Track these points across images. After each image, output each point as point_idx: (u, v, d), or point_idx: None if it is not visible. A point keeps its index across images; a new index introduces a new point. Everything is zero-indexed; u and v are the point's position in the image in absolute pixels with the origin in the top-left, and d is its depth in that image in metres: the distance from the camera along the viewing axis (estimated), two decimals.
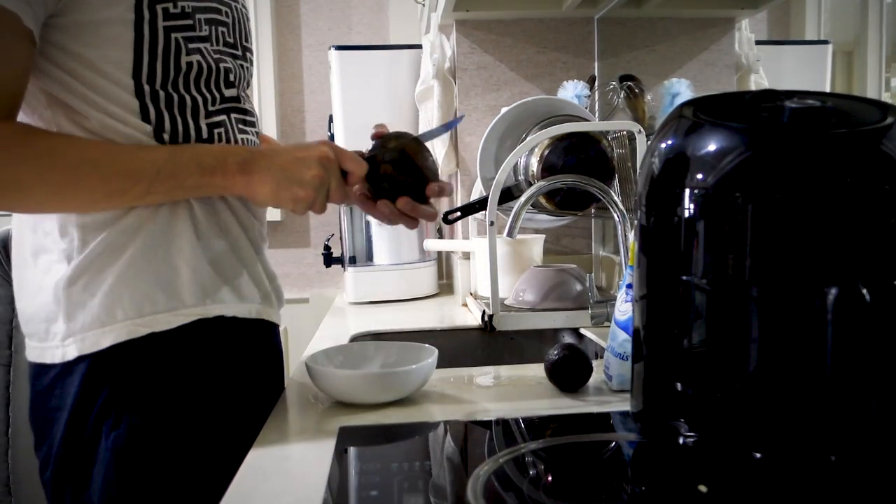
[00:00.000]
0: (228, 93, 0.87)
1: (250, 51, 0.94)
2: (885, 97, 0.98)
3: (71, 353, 0.80)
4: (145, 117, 0.80)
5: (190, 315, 0.83)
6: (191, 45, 0.82)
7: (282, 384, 1.02)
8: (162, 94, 0.81)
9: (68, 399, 0.81)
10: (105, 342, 0.80)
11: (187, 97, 0.83)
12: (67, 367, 0.81)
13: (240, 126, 0.89)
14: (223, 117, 0.87)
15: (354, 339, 1.38)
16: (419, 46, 1.84)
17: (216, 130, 0.85)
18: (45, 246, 0.82)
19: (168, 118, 0.82)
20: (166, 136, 0.81)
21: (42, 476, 0.86)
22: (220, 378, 0.87)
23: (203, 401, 0.85)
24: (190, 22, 0.82)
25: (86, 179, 0.76)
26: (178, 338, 0.83)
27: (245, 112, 0.91)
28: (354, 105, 1.86)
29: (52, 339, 0.81)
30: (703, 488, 0.59)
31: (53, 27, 0.77)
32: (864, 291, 0.55)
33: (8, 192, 0.74)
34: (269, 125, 2.28)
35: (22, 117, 0.79)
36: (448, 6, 1.63)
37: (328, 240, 1.98)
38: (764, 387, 0.59)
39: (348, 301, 1.84)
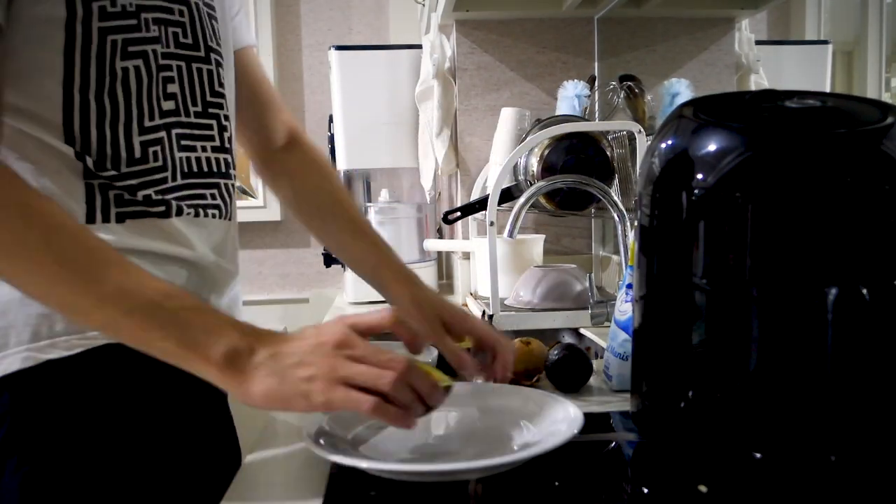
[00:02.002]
0: (167, 106, 0.74)
1: (217, 52, 0.80)
2: (885, 97, 0.98)
3: None
4: (69, 137, 0.68)
5: (96, 339, 0.69)
6: (131, 49, 0.70)
7: (234, 440, 0.89)
8: (93, 105, 0.69)
9: None
10: None
11: (121, 109, 0.70)
12: None
13: (182, 143, 0.75)
14: (161, 133, 0.73)
15: None
16: (419, 46, 1.84)
17: (151, 149, 0.72)
18: None
19: (96, 136, 0.69)
20: (90, 161, 0.68)
21: None
22: (141, 411, 0.72)
23: (117, 440, 0.70)
24: (133, 22, 0.70)
25: (49, 282, 0.61)
26: (81, 364, 0.68)
27: (193, 126, 0.77)
28: (354, 105, 1.86)
29: None
30: (703, 488, 0.59)
31: None
32: (864, 291, 0.55)
33: None
34: None
35: None
36: (448, 6, 1.63)
37: None
38: (764, 387, 0.59)
39: (348, 301, 1.83)
